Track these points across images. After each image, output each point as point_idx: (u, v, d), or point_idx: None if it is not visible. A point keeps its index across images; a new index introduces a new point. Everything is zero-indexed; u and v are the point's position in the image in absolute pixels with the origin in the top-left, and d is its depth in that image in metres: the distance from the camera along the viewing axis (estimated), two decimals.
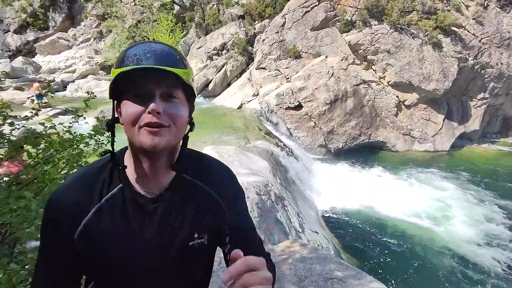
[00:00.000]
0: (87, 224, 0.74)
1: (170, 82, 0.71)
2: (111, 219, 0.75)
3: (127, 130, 0.72)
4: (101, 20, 24.99)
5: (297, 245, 3.24)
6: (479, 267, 7.05)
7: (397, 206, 9.13)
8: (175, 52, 0.74)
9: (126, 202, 0.76)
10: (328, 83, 12.67)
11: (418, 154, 13.32)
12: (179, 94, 0.73)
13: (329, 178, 10.34)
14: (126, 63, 0.69)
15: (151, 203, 0.77)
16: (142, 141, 0.69)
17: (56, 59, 23.22)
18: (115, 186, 0.77)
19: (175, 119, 0.72)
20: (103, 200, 0.75)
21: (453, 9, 13.93)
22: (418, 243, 7.79)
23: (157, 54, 0.69)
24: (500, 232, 8.37)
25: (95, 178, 0.77)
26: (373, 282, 2.56)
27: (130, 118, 0.70)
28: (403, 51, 13.18)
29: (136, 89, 0.70)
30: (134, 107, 0.70)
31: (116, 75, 0.70)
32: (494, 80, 14.29)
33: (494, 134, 15.93)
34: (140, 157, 0.75)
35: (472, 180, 11.37)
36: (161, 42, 0.76)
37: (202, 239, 0.81)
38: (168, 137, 0.71)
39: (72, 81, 17.53)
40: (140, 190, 0.77)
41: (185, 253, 0.80)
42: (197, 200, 0.82)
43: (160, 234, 0.77)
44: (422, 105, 13.64)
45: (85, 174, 0.78)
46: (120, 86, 0.72)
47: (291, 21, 14.33)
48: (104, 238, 0.74)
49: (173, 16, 21.51)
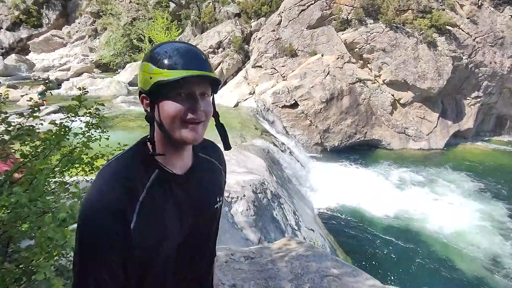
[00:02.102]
0: (140, 211, 0.78)
1: (207, 84, 0.83)
2: (157, 202, 0.82)
3: (168, 125, 0.80)
4: (96, 18, 24.76)
5: (293, 243, 3.24)
6: (472, 262, 7.15)
7: (392, 204, 9.20)
8: (204, 54, 0.84)
9: (165, 184, 0.85)
10: (324, 81, 12.70)
11: (413, 152, 13.42)
12: (209, 92, 0.85)
13: (325, 176, 10.38)
14: (173, 66, 0.77)
15: (184, 180, 0.89)
16: (184, 136, 0.80)
17: (50, 57, 23.00)
18: (152, 173, 0.84)
19: (208, 114, 0.84)
20: (146, 188, 0.81)
21: (448, 8, 14.02)
22: (412, 240, 7.87)
23: (197, 57, 0.80)
24: (493, 227, 8.48)
25: (130, 170, 0.82)
26: (369, 279, 2.58)
27: (173, 115, 0.78)
28: (398, 50, 13.24)
29: (180, 90, 0.78)
30: (178, 106, 0.78)
31: (163, 78, 0.76)
32: (488, 78, 14.43)
33: (487, 133, 16.10)
34: (173, 146, 0.85)
35: (466, 178, 11.49)
36: (185, 42, 0.87)
37: (220, 201, 1.01)
38: (203, 130, 0.84)
39: (66, 79, 17.35)
40: (172, 171, 0.87)
41: (214, 215, 0.99)
42: (211, 171, 1.01)
43: (197, 203, 0.91)
44: (417, 104, 13.73)
45: (122, 167, 0.82)
46: (163, 86, 0.77)
47: (287, 20, 14.32)
48: (157, 219, 0.81)
49: (168, 14, 21.40)
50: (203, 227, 0.95)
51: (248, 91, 13.94)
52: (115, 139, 2.39)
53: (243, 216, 5.03)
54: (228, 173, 4.16)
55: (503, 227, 8.60)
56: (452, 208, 9.35)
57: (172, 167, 0.87)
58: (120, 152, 0.90)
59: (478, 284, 6.57)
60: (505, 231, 8.39)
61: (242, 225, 4.90)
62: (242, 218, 4.99)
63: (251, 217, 5.08)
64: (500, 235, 8.20)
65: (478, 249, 7.62)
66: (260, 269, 2.67)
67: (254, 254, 2.98)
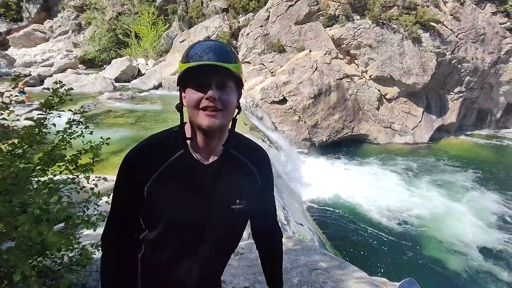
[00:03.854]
0: (156, 179, 0.90)
1: (223, 74, 0.86)
2: (173, 177, 0.92)
3: (190, 112, 0.89)
4: (80, 12, 24.06)
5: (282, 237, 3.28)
6: (456, 253, 7.40)
7: (379, 197, 9.40)
8: (228, 49, 0.90)
9: (185, 165, 0.93)
10: (312, 77, 12.78)
11: (399, 146, 13.71)
12: (230, 84, 0.89)
13: (314, 171, 10.50)
14: (189, 60, 0.85)
15: (204, 168, 0.94)
16: (201, 121, 0.87)
17: (31, 52, 22.26)
18: (177, 151, 0.93)
19: (226, 104, 0.88)
20: (168, 162, 0.92)
21: (432, 4, 14.30)
22: (399, 232, 8.07)
23: (214, 50, 0.86)
24: (476, 217, 8.78)
25: (163, 144, 0.94)
26: (356, 272, 2.64)
27: (193, 103, 0.87)
28: (384, 46, 13.43)
29: (198, 80, 0.86)
30: (195, 94, 0.86)
31: (183, 70, 0.86)
32: (470, 74, 14.83)
33: (469, 127, 16.60)
34: (198, 132, 0.92)
35: (450, 170, 11.84)
36: (216, 40, 0.93)
37: (241, 205, 0.98)
38: (221, 119, 0.88)
39: (49, 75, 16.84)
40: (196, 156, 0.94)
41: (227, 214, 0.98)
42: (239, 171, 1.00)
43: (209, 194, 0.95)
44: (403, 99, 14.01)
45: (156, 139, 0.96)
46: (185, 78, 0.88)
47: (275, 15, 14.29)
48: (167, 192, 0.92)
49: (155, 9, 21.00)
50: (215, 222, 0.97)
51: None
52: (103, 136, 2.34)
53: None
54: None
55: (486, 217, 8.91)
56: (437, 200, 9.63)
57: (197, 153, 0.94)
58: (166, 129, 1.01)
59: (463, 274, 6.80)
60: (488, 221, 8.70)
61: None
62: None
63: None
64: (484, 225, 8.50)
65: (462, 239, 7.88)
66: (250, 264, 2.69)
67: (244, 250, 3.01)
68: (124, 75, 17.89)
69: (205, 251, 0.99)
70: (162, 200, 0.91)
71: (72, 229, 1.83)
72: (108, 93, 13.32)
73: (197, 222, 0.95)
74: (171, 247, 0.96)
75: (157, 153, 0.93)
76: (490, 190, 10.49)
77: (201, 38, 16.24)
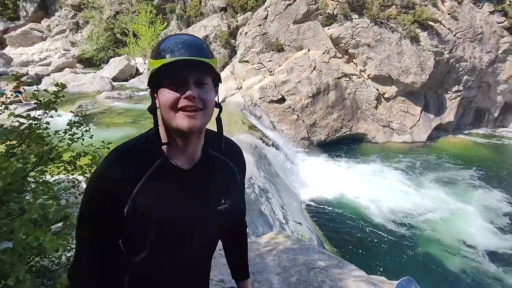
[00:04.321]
0: (136, 197, 0.80)
1: (201, 70, 0.80)
2: (155, 191, 0.83)
3: (165, 113, 0.80)
4: (77, 11, 23.95)
5: (281, 236, 3.29)
6: (455, 251, 7.43)
7: (378, 196, 9.42)
8: (203, 43, 0.83)
9: (167, 174, 0.85)
10: (310, 76, 12.78)
11: (397, 145, 13.74)
12: (208, 81, 0.83)
13: (312, 170, 10.51)
14: (163, 55, 0.77)
15: (186, 174, 0.87)
16: (180, 123, 0.79)
17: (29, 51, 22.16)
18: (155, 161, 0.84)
19: (206, 103, 0.81)
20: (147, 174, 0.82)
21: (430, 4, 14.32)
22: (398, 231, 8.10)
23: (188, 45, 0.78)
24: (475, 215, 8.82)
25: (137, 155, 0.84)
26: (355, 270, 2.65)
27: (169, 103, 0.78)
28: (382, 45, 13.45)
29: (173, 78, 0.78)
30: (171, 94, 0.78)
31: (154, 67, 0.77)
32: (468, 73, 14.87)
33: (467, 126, 16.64)
34: (176, 136, 0.84)
35: (448, 169, 11.88)
36: (189, 34, 0.85)
37: (226, 205, 0.95)
38: (202, 119, 0.81)
39: (47, 74, 16.78)
40: (176, 163, 0.86)
41: (215, 216, 0.94)
42: (221, 171, 0.96)
43: (195, 200, 0.89)
44: (401, 98, 14.03)
45: (128, 151, 0.85)
46: (158, 76, 0.78)
47: (273, 14, 14.27)
48: (152, 207, 0.82)
49: (153, 8, 20.94)
50: (203, 226, 0.92)
51: (235, 86, 13.88)
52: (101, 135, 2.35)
53: None
54: None
55: (487, 215, 8.94)
56: (435, 198, 9.66)
57: (176, 160, 0.86)
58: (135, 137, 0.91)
59: (462, 273, 6.83)
60: (488, 219, 8.73)
61: None
62: None
63: None
64: (483, 223, 8.54)
65: (461, 238, 7.91)
66: (248, 263, 2.69)
67: None
68: (122, 74, 17.86)
69: (196, 257, 0.96)
70: (146, 217, 0.81)
71: (69, 229, 1.83)
72: (106, 92, 13.29)
73: (187, 231, 0.89)
74: (161, 261, 0.89)
75: (132, 167, 0.82)
76: (489, 188, 10.54)
77: (200, 37, 16.24)
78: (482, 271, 6.87)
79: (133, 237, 0.84)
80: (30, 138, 1.88)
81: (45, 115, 1.99)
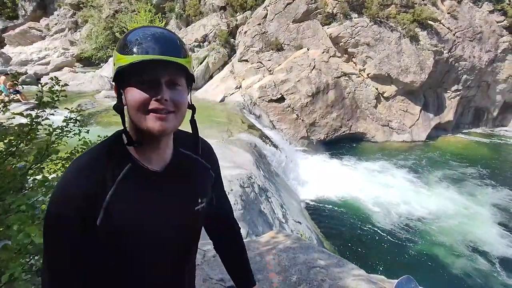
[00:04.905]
0: (107, 207, 0.74)
1: (174, 71, 0.74)
2: (128, 196, 0.77)
3: (133, 114, 0.74)
4: (76, 10, 23.89)
5: (280, 235, 3.28)
6: (455, 250, 7.44)
7: (377, 195, 9.43)
8: (177, 39, 0.76)
9: (138, 179, 0.79)
10: (310, 75, 12.77)
11: (396, 144, 13.75)
12: (182, 81, 0.77)
13: (312, 169, 10.51)
14: (131, 50, 0.70)
15: (159, 177, 0.82)
16: (151, 126, 0.73)
17: (28, 50, 22.08)
18: (124, 166, 0.78)
19: (179, 105, 0.76)
20: (116, 182, 0.76)
21: (430, 3, 14.31)
22: (398, 229, 8.11)
23: (160, 41, 0.71)
24: (474, 214, 8.83)
25: (102, 162, 0.77)
26: (354, 269, 2.64)
27: (138, 104, 0.72)
28: (382, 44, 13.44)
29: (142, 77, 0.72)
30: (141, 94, 0.72)
31: (121, 63, 0.71)
32: (467, 72, 14.88)
33: (466, 125, 16.65)
34: (144, 138, 0.78)
35: (448, 168, 11.89)
36: (159, 27, 0.77)
37: (203, 203, 0.91)
38: (174, 122, 0.76)
39: (46, 73, 16.73)
40: (147, 166, 0.81)
41: (192, 216, 0.89)
42: (194, 170, 0.92)
43: (172, 203, 0.84)
44: (400, 97, 14.03)
45: (91, 159, 0.78)
46: (125, 73, 0.72)
47: (273, 13, 14.25)
48: (126, 216, 0.76)
49: (152, 7, 20.87)
50: (182, 228, 0.87)
51: (235, 85, 13.86)
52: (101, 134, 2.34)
53: None
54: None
55: (485, 214, 8.96)
56: (436, 197, 9.67)
57: (147, 162, 0.81)
58: (96, 144, 0.85)
59: (461, 272, 6.84)
60: (486, 218, 8.75)
61: None
62: None
63: (238, 211, 5.10)
64: (483, 221, 8.57)
65: (462, 237, 7.93)
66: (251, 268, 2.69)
67: None
68: None
69: (176, 263, 0.90)
70: (120, 229, 0.76)
71: None
72: (105, 92, 13.24)
73: (165, 237, 0.83)
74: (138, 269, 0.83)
75: (99, 176, 0.75)
76: (490, 187, 10.59)
77: (199, 37, 16.21)
78: (483, 270, 6.88)
79: (104, 253, 0.78)
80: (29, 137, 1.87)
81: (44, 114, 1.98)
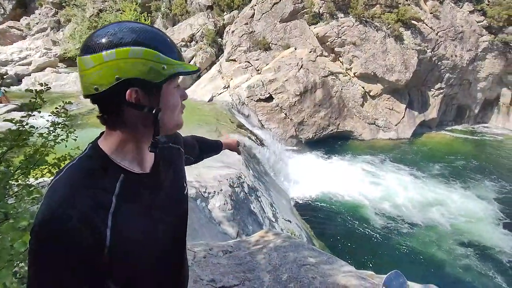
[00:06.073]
0: (113, 227, 0.68)
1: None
2: (131, 210, 0.74)
3: (170, 115, 0.79)
4: (58, 9, 23.26)
5: (270, 234, 3.30)
6: (442, 245, 7.65)
7: (365, 192, 9.59)
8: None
9: (134, 188, 0.77)
10: (297, 74, 12.85)
11: (383, 142, 14.01)
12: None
13: (301, 168, 10.60)
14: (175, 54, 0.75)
15: (150, 178, 0.82)
16: (181, 121, 0.84)
17: (8, 50, 21.34)
18: (116, 178, 0.73)
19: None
20: (114, 196, 0.71)
21: (413, 3, 14.62)
22: (385, 225, 8.27)
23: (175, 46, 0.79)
24: (459, 209, 9.10)
25: (95, 178, 0.71)
26: (344, 266, 2.69)
27: (178, 104, 0.81)
28: (367, 43, 13.66)
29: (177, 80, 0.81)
30: (177, 95, 0.81)
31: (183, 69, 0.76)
32: (449, 71, 15.29)
33: (449, 122, 17.11)
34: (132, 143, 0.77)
35: (432, 164, 12.20)
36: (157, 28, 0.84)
37: (187, 185, 0.98)
38: None
39: (27, 74, 16.24)
40: (138, 171, 0.79)
41: (184, 202, 0.95)
42: (172, 157, 0.96)
43: (171, 197, 0.88)
44: (386, 96, 14.30)
45: (79, 179, 0.69)
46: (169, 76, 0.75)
47: (260, 13, 14.27)
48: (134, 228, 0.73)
49: (137, 5, 20.53)
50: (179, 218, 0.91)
51: (223, 85, 13.80)
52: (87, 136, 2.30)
53: (221, 211, 5.04)
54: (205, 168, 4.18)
55: (470, 207, 9.23)
56: (422, 192, 9.91)
57: (134, 167, 0.78)
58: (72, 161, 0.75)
59: (449, 266, 7.04)
60: (471, 212, 9.02)
61: (220, 219, 4.91)
62: (219, 213, 5.00)
63: (228, 211, 5.10)
64: (467, 216, 8.82)
65: (448, 232, 8.16)
66: (239, 262, 2.70)
67: (232, 248, 3.01)
68: None
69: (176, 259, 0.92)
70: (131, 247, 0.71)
71: None
72: None
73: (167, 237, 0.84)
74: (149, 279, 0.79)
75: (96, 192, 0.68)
76: (472, 180, 10.91)
77: (186, 36, 16.05)
78: (468, 262, 7.10)
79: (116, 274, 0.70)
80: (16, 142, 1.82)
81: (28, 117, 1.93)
